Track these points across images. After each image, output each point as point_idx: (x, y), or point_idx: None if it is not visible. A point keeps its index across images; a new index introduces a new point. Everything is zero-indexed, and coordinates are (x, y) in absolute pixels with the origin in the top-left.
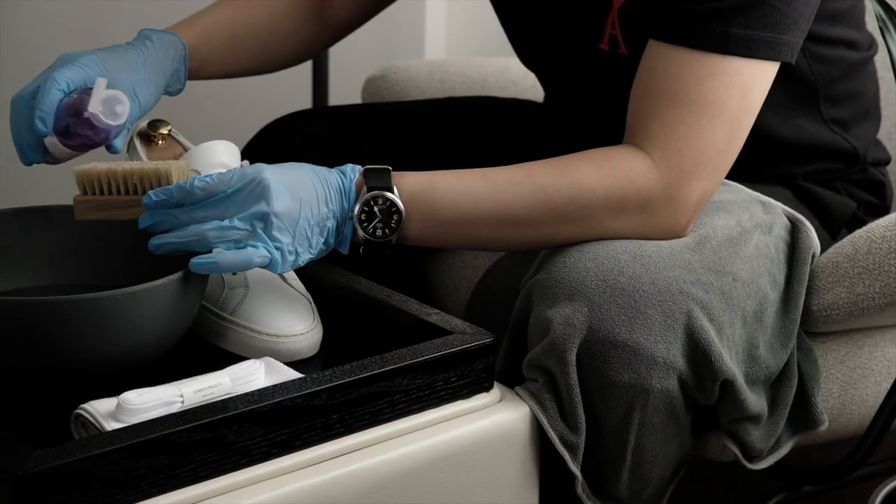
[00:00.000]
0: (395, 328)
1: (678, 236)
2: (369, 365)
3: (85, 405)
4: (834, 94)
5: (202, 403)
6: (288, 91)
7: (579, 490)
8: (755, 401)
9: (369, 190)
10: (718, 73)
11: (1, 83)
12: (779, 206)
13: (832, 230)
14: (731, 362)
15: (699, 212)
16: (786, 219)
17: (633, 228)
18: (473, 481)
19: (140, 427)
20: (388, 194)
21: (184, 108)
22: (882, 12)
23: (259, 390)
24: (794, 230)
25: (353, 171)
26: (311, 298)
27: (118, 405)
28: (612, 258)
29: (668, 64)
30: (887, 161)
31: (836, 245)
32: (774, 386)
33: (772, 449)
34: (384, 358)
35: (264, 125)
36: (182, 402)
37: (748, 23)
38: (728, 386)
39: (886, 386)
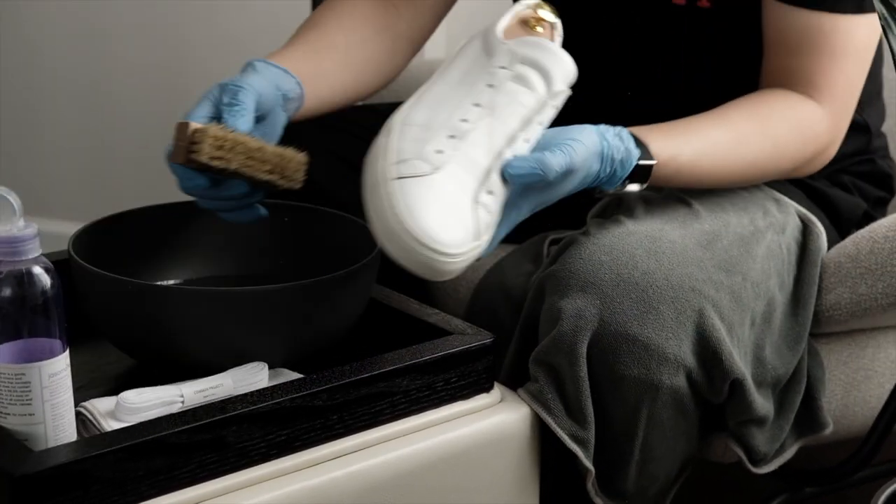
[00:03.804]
0: (394, 328)
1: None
2: (369, 365)
3: (85, 403)
4: None
5: (202, 404)
6: None
7: (589, 486)
8: (762, 403)
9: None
10: (863, 26)
11: (1, 83)
12: (792, 206)
13: (842, 230)
14: (740, 362)
15: None
16: (798, 219)
17: (800, 170)
18: (473, 482)
19: (139, 428)
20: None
21: (184, 107)
22: (885, 11)
23: (258, 391)
24: (806, 231)
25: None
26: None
27: (117, 404)
28: (626, 252)
29: (812, 25)
30: (886, 147)
31: (839, 245)
32: (782, 390)
33: (776, 453)
34: (384, 358)
35: None
36: (182, 402)
37: None
38: (737, 386)
39: (889, 387)
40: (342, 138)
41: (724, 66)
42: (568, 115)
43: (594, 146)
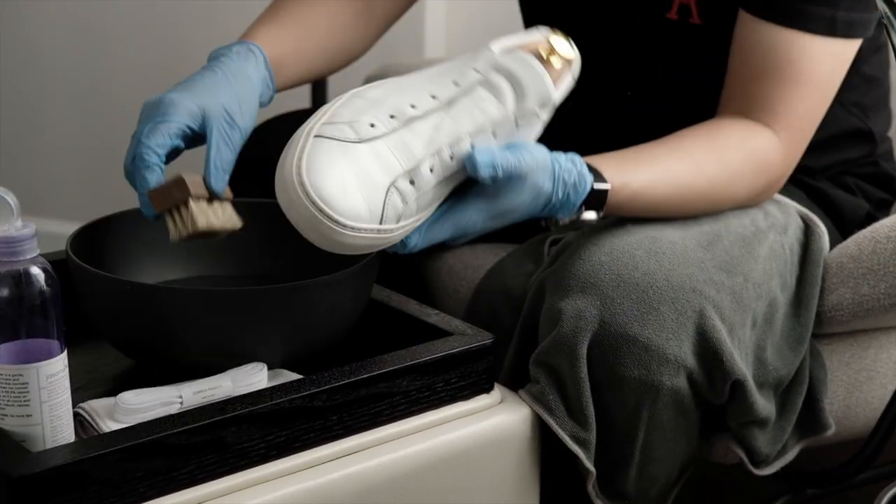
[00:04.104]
0: (394, 329)
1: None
2: (369, 366)
3: (83, 404)
4: (849, 77)
5: (201, 405)
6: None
7: (590, 487)
8: (763, 404)
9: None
10: (831, 54)
11: (1, 83)
12: (793, 206)
13: (845, 232)
14: (741, 363)
15: None
16: (800, 219)
17: (753, 200)
18: (473, 483)
19: (137, 429)
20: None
21: None
22: (888, 10)
23: (257, 392)
24: (808, 231)
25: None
26: None
27: (115, 405)
28: (627, 253)
29: (780, 45)
30: (891, 151)
31: (841, 245)
32: (784, 391)
33: (778, 454)
34: (384, 359)
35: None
36: (181, 403)
37: (852, 5)
38: (738, 387)
39: (892, 388)
40: None
41: (724, 66)
42: (568, 115)
43: (543, 161)
